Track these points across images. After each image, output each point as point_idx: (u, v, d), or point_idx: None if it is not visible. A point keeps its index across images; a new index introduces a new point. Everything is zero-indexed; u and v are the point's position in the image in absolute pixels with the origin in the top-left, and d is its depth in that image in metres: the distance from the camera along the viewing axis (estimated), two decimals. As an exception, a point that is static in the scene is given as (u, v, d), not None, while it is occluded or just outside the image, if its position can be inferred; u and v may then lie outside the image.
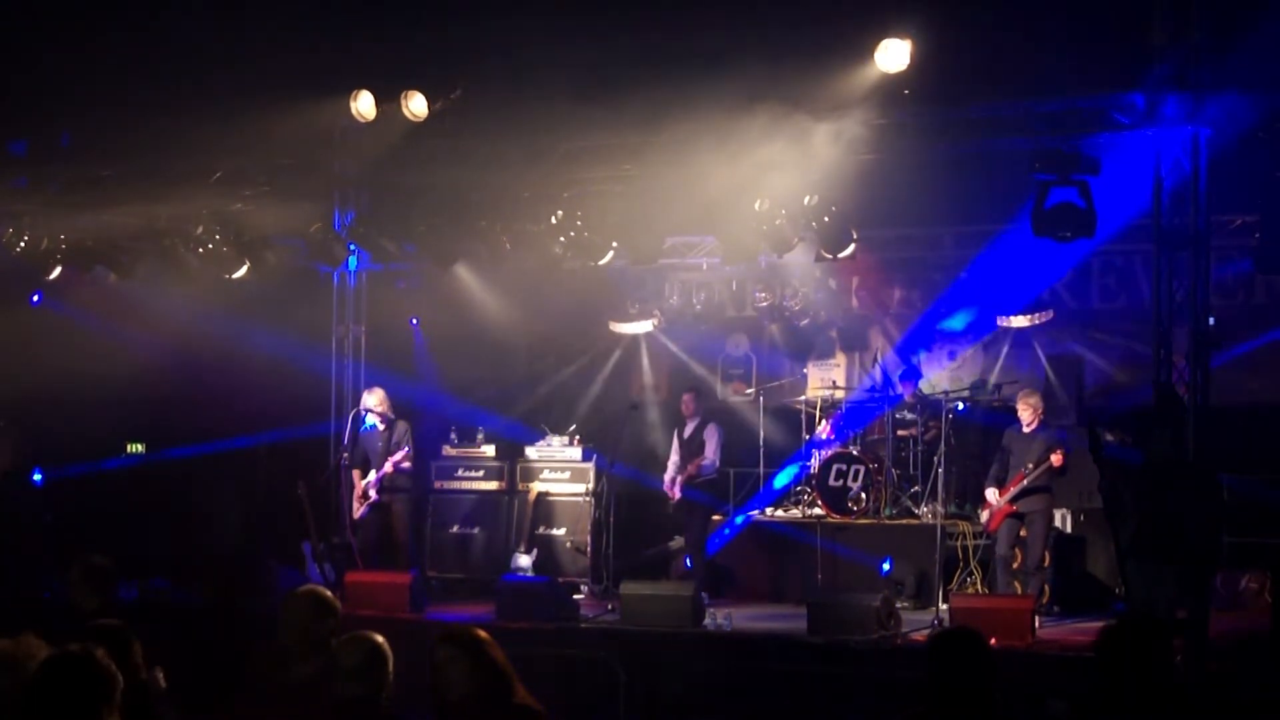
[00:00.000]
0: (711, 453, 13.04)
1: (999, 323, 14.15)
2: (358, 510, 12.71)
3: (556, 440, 14.03)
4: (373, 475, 12.66)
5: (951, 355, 14.83)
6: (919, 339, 14.74)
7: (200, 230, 13.30)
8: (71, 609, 7.00)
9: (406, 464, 12.74)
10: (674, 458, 13.26)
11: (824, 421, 13.73)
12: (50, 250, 13.76)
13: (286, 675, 5.99)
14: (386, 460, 12.61)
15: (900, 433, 13.30)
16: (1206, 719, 7.83)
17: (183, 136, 12.54)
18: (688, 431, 13.23)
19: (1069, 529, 12.80)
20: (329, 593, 6.23)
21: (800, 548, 12.82)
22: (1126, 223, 11.37)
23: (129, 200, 13.26)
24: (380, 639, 5.48)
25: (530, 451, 14.04)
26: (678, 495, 13.02)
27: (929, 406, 13.21)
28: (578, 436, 14.09)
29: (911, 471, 13.14)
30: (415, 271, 14.56)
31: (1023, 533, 11.67)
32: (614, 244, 12.44)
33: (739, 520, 13.48)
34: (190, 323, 14.04)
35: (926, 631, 10.47)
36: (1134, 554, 9.20)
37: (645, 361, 16.00)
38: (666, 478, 13.21)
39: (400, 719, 5.42)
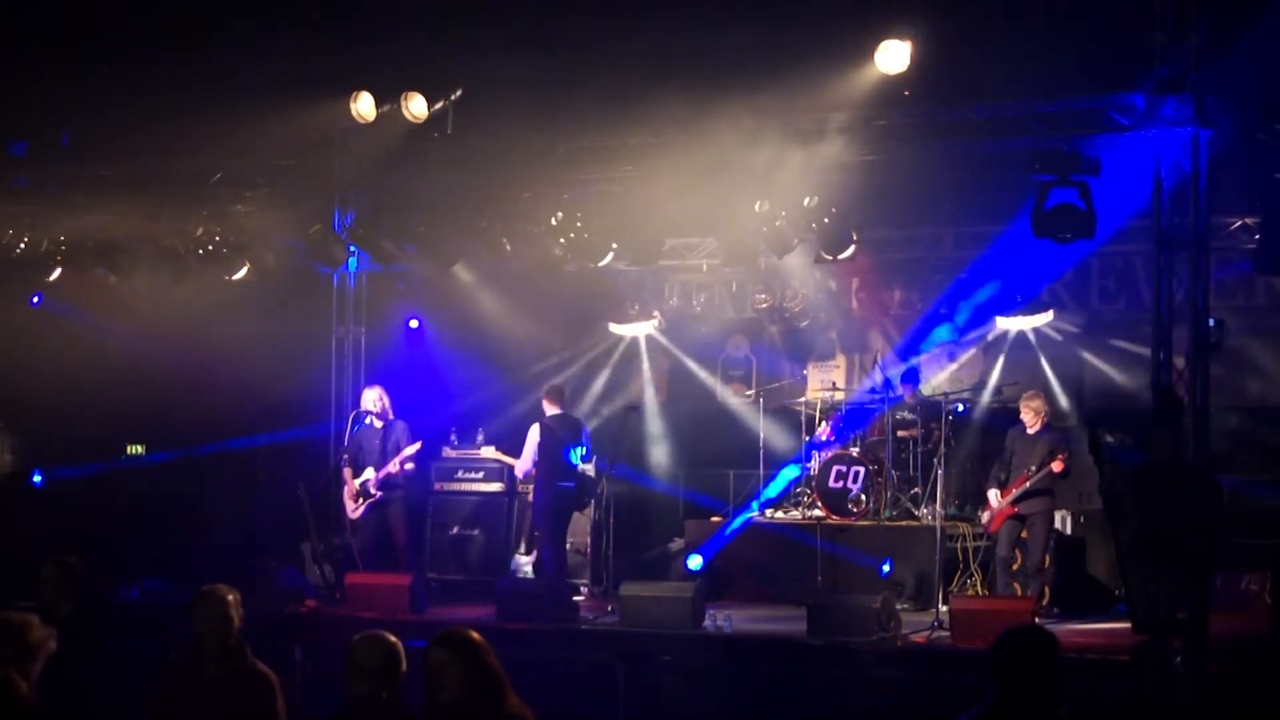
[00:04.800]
0: (524, 457, 12.79)
1: (999, 323, 14.14)
2: (354, 510, 12.64)
3: (557, 441, 13.97)
4: (370, 474, 12.57)
5: (951, 356, 14.80)
6: (919, 340, 14.72)
7: (200, 231, 13.32)
8: (45, 611, 6.64)
9: (410, 465, 12.67)
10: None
11: (824, 423, 13.72)
12: (50, 250, 13.76)
13: (199, 675, 6.08)
14: (385, 459, 12.51)
15: (900, 434, 13.28)
16: None
17: (183, 137, 12.56)
18: None
19: (1069, 531, 12.80)
20: (234, 596, 6.21)
21: (800, 549, 12.78)
22: (1126, 223, 11.35)
23: (129, 200, 13.27)
24: (395, 639, 5.51)
25: (531, 452, 13.99)
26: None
27: (929, 408, 13.19)
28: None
29: (912, 473, 13.13)
30: (415, 272, 14.56)
31: (1023, 534, 11.67)
32: (614, 245, 12.43)
33: (738, 521, 13.47)
34: (190, 323, 14.02)
35: (926, 633, 10.47)
36: (1134, 555, 9.19)
37: (645, 363, 15.97)
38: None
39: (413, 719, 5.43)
